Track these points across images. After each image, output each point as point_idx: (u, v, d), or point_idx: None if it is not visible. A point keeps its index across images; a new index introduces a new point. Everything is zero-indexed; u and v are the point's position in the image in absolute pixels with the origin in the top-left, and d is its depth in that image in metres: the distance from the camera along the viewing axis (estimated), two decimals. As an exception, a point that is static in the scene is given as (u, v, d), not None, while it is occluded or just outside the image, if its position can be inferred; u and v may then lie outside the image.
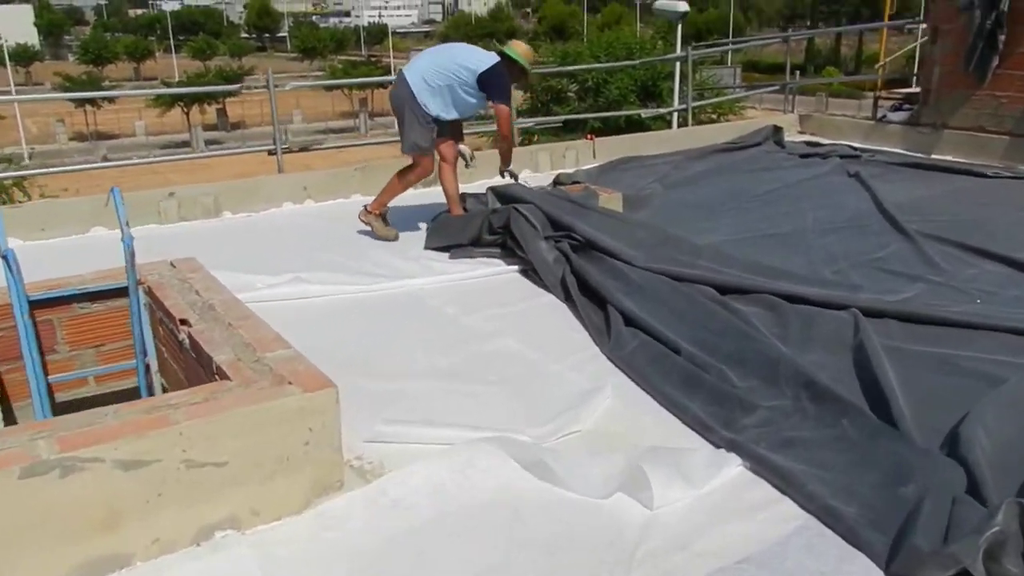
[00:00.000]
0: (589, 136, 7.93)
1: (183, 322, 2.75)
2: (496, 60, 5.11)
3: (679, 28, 13.45)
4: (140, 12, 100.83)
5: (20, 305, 2.79)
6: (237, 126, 43.61)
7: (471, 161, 5.54)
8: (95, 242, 5.05)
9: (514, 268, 4.62)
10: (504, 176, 5.66)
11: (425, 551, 2.20)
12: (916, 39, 14.11)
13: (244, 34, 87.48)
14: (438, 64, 5.12)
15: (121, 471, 2.03)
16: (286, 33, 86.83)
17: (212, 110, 44.08)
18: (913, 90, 8.83)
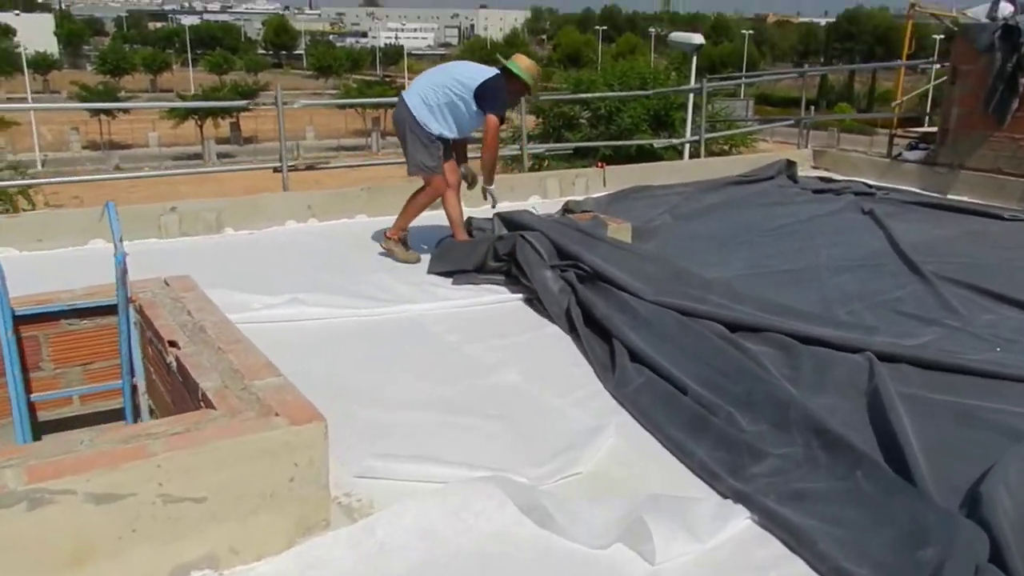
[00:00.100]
0: (600, 164, 7.85)
1: (171, 344, 2.64)
2: (495, 73, 5.02)
3: (694, 60, 13.45)
4: (160, 25, 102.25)
5: (3, 320, 2.68)
6: (250, 140, 43.86)
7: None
8: (93, 254, 4.96)
9: (518, 296, 4.52)
10: (486, 198, 5.40)
11: (412, 599, 2.08)
12: (929, 79, 14.08)
13: (261, 50, 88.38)
14: (435, 82, 5.04)
15: (93, 504, 1.92)
16: (302, 51, 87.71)
17: (226, 124, 44.36)
18: (929, 129, 8.75)
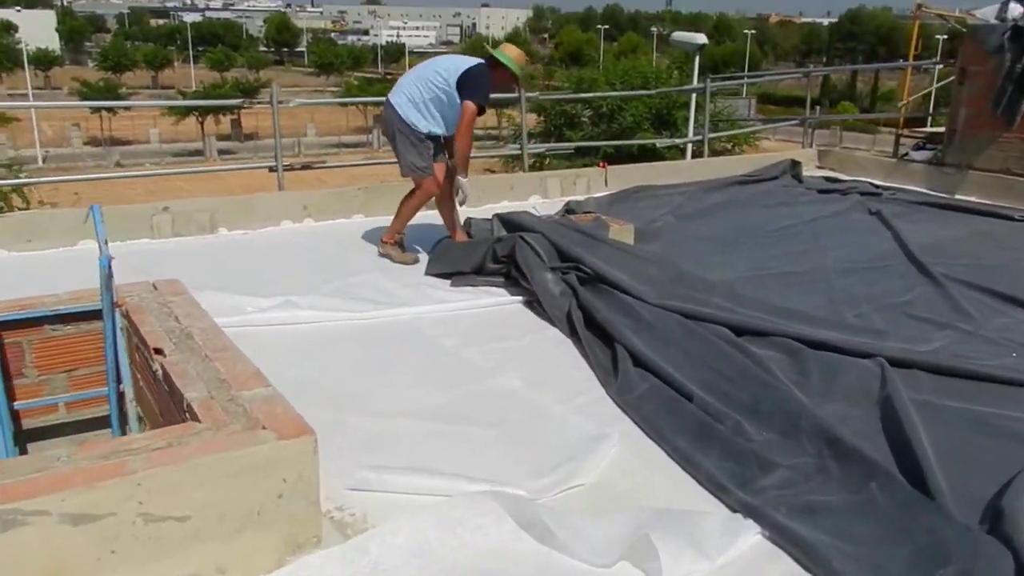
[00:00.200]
0: (602, 164, 7.73)
1: (157, 351, 2.54)
2: (478, 62, 4.88)
3: (696, 59, 13.33)
4: (161, 22, 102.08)
5: (-17, 326, 2.58)
6: (251, 137, 43.73)
7: (460, 192, 5.03)
8: (82, 255, 4.83)
9: (518, 299, 4.41)
10: (456, 193, 5.05)
11: (405, 622, 1.98)
12: (932, 80, 13.94)
13: (263, 47, 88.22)
14: (418, 77, 4.91)
15: (69, 525, 1.82)
16: (304, 48, 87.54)
17: (227, 120, 44.25)
18: (936, 129, 8.63)
